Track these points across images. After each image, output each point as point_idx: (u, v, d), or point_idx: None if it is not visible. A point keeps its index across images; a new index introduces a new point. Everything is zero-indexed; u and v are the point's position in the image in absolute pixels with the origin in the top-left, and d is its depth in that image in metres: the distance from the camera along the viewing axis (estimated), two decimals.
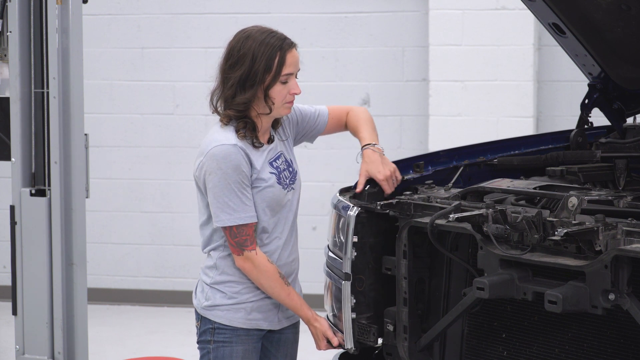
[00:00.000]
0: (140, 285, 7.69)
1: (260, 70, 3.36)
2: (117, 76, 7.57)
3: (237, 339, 3.46)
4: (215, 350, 3.47)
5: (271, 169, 3.45)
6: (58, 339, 4.49)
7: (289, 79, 3.41)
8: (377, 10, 7.23)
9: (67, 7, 4.43)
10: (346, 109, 3.79)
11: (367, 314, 3.46)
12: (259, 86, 3.38)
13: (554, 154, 3.87)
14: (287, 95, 3.42)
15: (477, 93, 6.94)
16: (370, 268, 3.45)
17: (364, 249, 3.45)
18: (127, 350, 6.53)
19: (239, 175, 3.34)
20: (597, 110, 4.13)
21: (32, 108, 4.51)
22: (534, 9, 3.90)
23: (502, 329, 3.36)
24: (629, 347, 3.05)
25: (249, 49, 3.38)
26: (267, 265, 3.40)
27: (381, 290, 3.49)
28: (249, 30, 3.44)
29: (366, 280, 3.45)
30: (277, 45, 3.39)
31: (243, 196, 3.35)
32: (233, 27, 8.05)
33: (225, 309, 3.46)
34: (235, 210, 3.34)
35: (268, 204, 3.43)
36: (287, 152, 3.57)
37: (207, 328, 3.48)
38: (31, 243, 4.49)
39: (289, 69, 3.40)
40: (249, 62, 3.37)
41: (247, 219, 3.36)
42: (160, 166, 7.58)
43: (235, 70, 3.39)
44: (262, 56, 3.37)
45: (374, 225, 3.45)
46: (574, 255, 2.95)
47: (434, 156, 3.79)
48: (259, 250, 3.40)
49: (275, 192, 3.44)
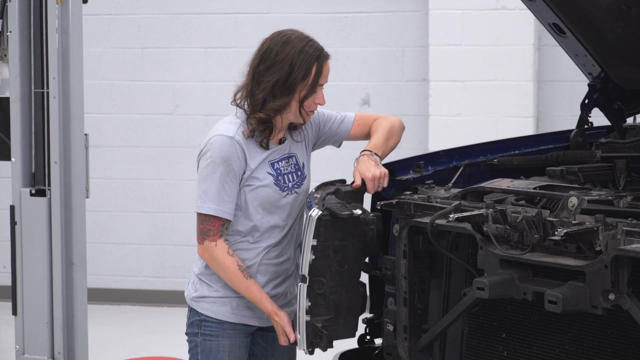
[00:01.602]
0: (140, 285, 7.69)
1: (299, 79, 3.38)
2: (117, 76, 7.57)
3: (224, 332, 3.47)
4: (202, 343, 3.49)
5: (270, 169, 3.45)
6: (58, 339, 4.49)
7: (318, 90, 3.44)
8: (377, 10, 7.23)
9: (67, 7, 4.43)
10: (375, 116, 3.76)
11: (326, 316, 3.40)
12: (293, 95, 3.40)
13: (554, 154, 3.87)
14: (311, 104, 3.44)
15: (477, 93, 6.94)
16: (332, 271, 3.39)
17: (326, 251, 3.37)
18: (127, 350, 6.53)
19: (226, 167, 3.36)
20: (597, 110, 4.13)
21: (32, 108, 4.51)
22: (534, 9, 3.90)
23: (502, 329, 3.36)
24: (629, 347, 3.05)
25: (287, 54, 3.39)
26: (224, 257, 3.40)
27: (345, 293, 3.42)
28: (287, 34, 3.44)
29: (327, 283, 3.39)
30: (315, 56, 3.41)
31: (223, 189, 3.37)
32: (233, 27, 8.05)
33: (211, 302, 3.48)
34: (210, 199, 3.37)
35: (260, 203, 3.43)
36: (302, 155, 3.57)
37: (195, 320, 3.51)
38: (31, 243, 4.49)
39: (323, 80, 3.43)
40: (287, 69, 3.38)
41: (217, 212, 3.37)
42: (160, 166, 7.58)
43: (270, 74, 3.40)
44: (300, 65, 3.38)
45: (339, 228, 3.37)
46: (574, 255, 2.95)
47: (434, 156, 3.79)
48: (219, 242, 3.40)
49: (269, 192, 3.43)
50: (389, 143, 3.63)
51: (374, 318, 3.74)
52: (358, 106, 7.27)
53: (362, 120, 3.71)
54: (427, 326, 3.48)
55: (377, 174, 3.47)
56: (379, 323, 3.68)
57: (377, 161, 3.53)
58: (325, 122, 3.66)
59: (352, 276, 3.42)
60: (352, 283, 3.42)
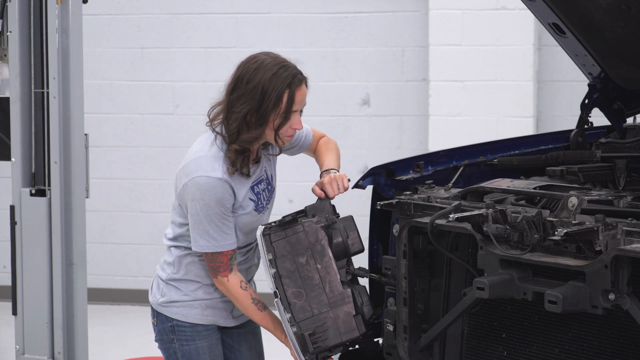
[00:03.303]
0: (140, 285, 7.68)
1: (269, 108, 3.28)
2: (117, 76, 7.57)
3: (198, 335, 3.47)
4: (180, 349, 3.48)
5: (252, 194, 3.42)
6: (58, 339, 4.49)
7: (293, 116, 3.34)
8: (377, 10, 7.23)
9: (67, 7, 4.43)
10: (319, 133, 3.73)
11: (318, 324, 3.38)
12: (267, 124, 3.31)
13: (554, 154, 3.87)
14: (288, 130, 3.36)
15: (477, 93, 6.94)
16: (306, 279, 3.40)
17: (291, 262, 3.40)
18: (127, 350, 6.53)
19: (221, 207, 3.32)
20: (597, 110, 4.13)
21: (32, 108, 4.51)
22: (534, 9, 3.90)
23: (502, 329, 3.36)
24: (629, 347, 3.05)
25: (258, 82, 3.29)
26: (238, 291, 3.41)
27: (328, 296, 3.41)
28: (261, 60, 3.33)
29: (306, 291, 3.40)
30: (287, 82, 3.29)
31: (224, 226, 3.34)
32: (233, 27, 8.06)
33: (180, 305, 3.47)
34: (215, 238, 3.34)
35: (241, 228, 3.43)
36: (271, 167, 3.54)
37: (167, 326, 3.49)
38: (31, 243, 4.49)
39: (296, 106, 3.32)
40: (258, 98, 3.28)
41: (224, 247, 3.36)
42: (160, 166, 7.58)
43: (242, 103, 3.31)
44: (271, 93, 3.27)
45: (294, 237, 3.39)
46: (574, 255, 2.95)
47: (434, 156, 3.79)
48: (231, 276, 3.39)
49: (249, 218, 3.42)
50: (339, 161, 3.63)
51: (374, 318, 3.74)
52: (358, 106, 7.27)
53: (315, 136, 3.69)
54: (427, 326, 3.48)
55: (333, 177, 3.47)
56: (379, 323, 3.68)
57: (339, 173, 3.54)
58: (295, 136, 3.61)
59: (330, 279, 3.41)
60: (332, 285, 3.41)
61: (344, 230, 3.43)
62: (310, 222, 3.41)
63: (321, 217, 3.45)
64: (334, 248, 3.42)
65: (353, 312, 3.40)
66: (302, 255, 3.41)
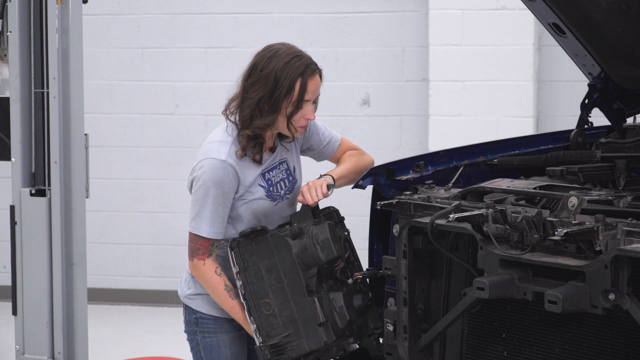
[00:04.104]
0: (140, 285, 7.69)
1: (282, 95, 3.35)
2: (117, 76, 7.57)
3: (221, 328, 3.51)
4: (202, 341, 3.53)
5: (261, 181, 3.47)
6: (58, 339, 4.49)
7: (305, 105, 3.40)
8: (377, 10, 7.23)
9: (67, 7, 4.43)
10: (354, 146, 3.75)
11: (284, 333, 3.42)
12: (279, 112, 3.37)
13: (554, 154, 3.87)
14: (301, 120, 3.43)
15: (477, 93, 6.94)
16: (274, 289, 3.43)
17: (258, 274, 3.43)
18: (127, 350, 6.53)
19: (219, 190, 3.39)
20: (597, 110, 4.13)
21: (32, 108, 4.51)
22: (534, 9, 3.90)
23: (502, 329, 3.36)
24: (629, 347, 3.05)
25: (271, 70, 3.36)
26: (212, 276, 3.44)
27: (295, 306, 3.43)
28: (276, 49, 3.41)
29: (274, 302, 3.42)
30: (300, 71, 3.36)
31: (215, 211, 3.40)
32: (233, 27, 8.07)
33: (205, 298, 3.52)
34: (203, 221, 3.41)
35: (254, 214, 3.48)
36: (293, 158, 3.59)
37: (192, 318, 3.54)
38: (31, 243, 4.49)
39: (308, 95, 3.39)
40: (271, 85, 3.35)
41: (209, 234, 3.42)
42: (160, 166, 7.58)
43: (255, 90, 3.38)
44: (284, 81, 3.34)
45: (262, 248, 3.43)
46: (574, 255, 2.95)
47: (434, 156, 3.79)
48: (208, 261, 3.44)
49: (261, 204, 3.47)
50: (348, 176, 3.64)
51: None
52: (358, 106, 7.28)
53: (344, 147, 3.72)
54: (427, 326, 3.48)
55: (311, 184, 3.50)
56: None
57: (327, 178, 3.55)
58: (313, 132, 3.66)
59: (296, 288, 3.43)
60: (298, 295, 3.43)
61: (314, 238, 3.44)
62: (275, 233, 3.45)
63: (300, 225, 3.47)
64: (302, 257, 3.43)
65: (318, 321, 3.42)
66: (269, 265, 3.44)
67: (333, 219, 3.59)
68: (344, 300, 3.47)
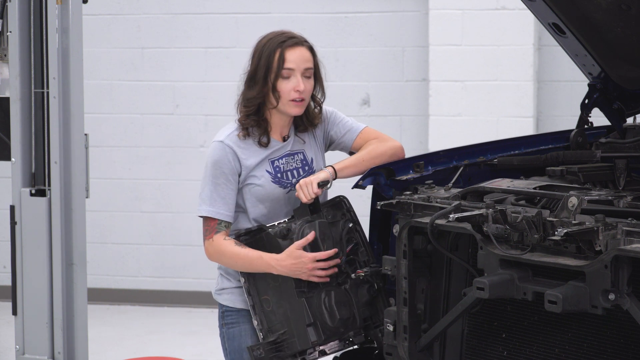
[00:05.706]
0: (140, 285, 7.69)
1: (262, 66, 3.49)
2: (118, 76, 7.57)
3: (243, 318, 3.57)
4: (227, 332, 3.60)
5: (269, 167, 3.53)
6: (58, 339, 4.49)
7: (291, 75, 3.49)
8: (377, 10, 7.23)
9: (67, 7, 4.43)
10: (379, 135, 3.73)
11: (281, 331, 3.47)
12: (263, 83, 3.49)
13: (554, 154, 3.87)
14: (291, 92, 3.49)
15: (477, 93, 6.94)
16: (271, 287, 3.49)
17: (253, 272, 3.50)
18: (127, 350, 6.53)
19: (216, 170, 3.48)
20: (597, 110, 4.13)
21: (32, 108, 4.51)
22: (534, 9, 3.90)
23: (502, 329, 3.36)
24: (629, 347, 3.05)
25: (257, 48, 3.54)
26: (221, 242, 3.49)
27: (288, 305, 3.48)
28: (271, 33, 3.57)
29: (272, 299, 3.49)
30: (279, 42, 3.50)
31: (215, 191, 3.48)
32: (233, 27, 8.06)
33: (230, 292, 3.60)
34: (205, 202, 3.50)
35: (259, 199, 3.53)
36: (312, 150, 3.64)
37: (219, 312, 3.64)
38: (31, 243, 4.49)
39: (289, 64, 3.48)
40: (256, 61, 3.51)
41: (210, 213, 3.50)
42: (160, 166, 7.58)
43: (247, 68, 3.56)
44: (265, 53, 3.49)
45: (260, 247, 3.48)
46: (574, 255, 2.95)
47: (434, 156, 3.79)
48: (216, 237, 3.49)
49: (267, 190, 3.52)
50: (358, 165, 3.62)
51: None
52: (358, 106, 7.28)
53: (365, 135, 3.71)
54: (427, 326, 3.48)
55: (303, 182, 3.52)
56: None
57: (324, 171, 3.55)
58: (333, 123, 3.70)
59: (288, 287, 3.49)
60: (289, 294, 3.49)
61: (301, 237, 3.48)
62: (269, 232, 3.51)
63: (297, 221, 3.51)
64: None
65: (306, 321, 3.47)
66: None
67: (341, 209, 3.60)
68: (335, 299, 3.51)
